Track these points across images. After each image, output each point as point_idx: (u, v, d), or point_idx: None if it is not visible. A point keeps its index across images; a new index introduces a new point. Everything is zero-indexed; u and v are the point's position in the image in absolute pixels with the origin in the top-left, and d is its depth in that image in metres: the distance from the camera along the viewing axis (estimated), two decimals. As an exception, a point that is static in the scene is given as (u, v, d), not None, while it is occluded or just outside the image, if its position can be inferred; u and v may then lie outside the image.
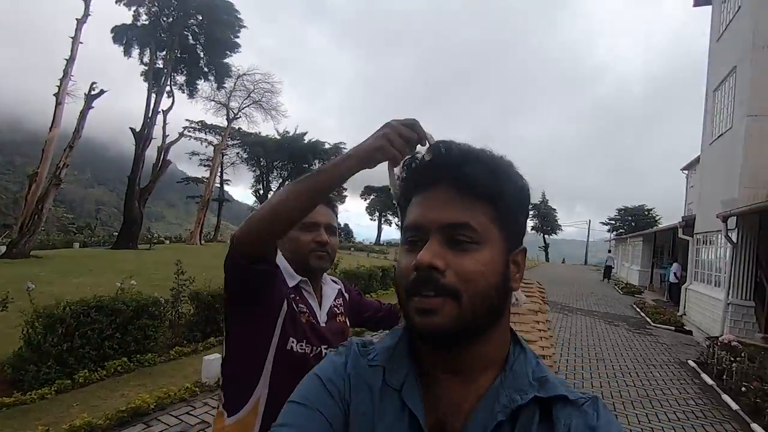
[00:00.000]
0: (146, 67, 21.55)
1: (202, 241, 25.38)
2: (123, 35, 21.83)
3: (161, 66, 22.06)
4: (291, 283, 1.18)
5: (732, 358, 5.72)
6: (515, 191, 0.53)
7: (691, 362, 6.54)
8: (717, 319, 8.40)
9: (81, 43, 15.18)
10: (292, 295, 1.16)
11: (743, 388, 4.82)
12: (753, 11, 8.35)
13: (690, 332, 9.48)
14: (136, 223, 18.88)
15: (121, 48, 22.00)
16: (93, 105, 15.33)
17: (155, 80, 20.90)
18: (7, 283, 7.44)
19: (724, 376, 5.48)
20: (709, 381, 5.58)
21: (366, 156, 0.72)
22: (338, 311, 1.29)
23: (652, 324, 10.11)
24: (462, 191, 0.50)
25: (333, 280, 1.37)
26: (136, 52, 22.22)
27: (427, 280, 0.48)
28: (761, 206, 7.15)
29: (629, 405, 4.63)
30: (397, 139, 0.69)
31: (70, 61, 14.78)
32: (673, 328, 9.76)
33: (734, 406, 4.65)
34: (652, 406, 4.66)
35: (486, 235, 0.50)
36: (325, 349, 1.13)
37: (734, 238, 8.16)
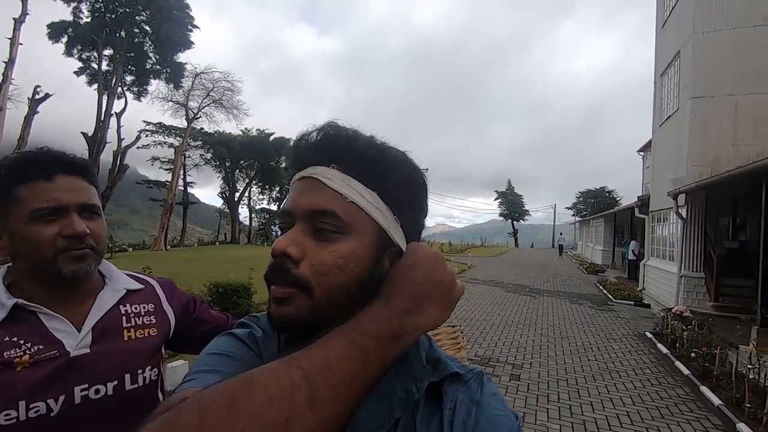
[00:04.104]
0: (89, 67, 20.48)
1: (168, 247, 24.55)
2: (61, 32, 20.57)
3: (109, 67, 21.03)
4: None
5: (684, 327, 6.08)
6: (400, 181, 0.50)
7: (648, 334, 6.90)
8: (672, 291, 8.89)
9: (20, 44, 14.28)
10: None
11: (693, 354, 5.15)
12: (693, -2, 8.79)
13: (648, 305, 9.99)
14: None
15: (61, 47, 20.77)
16: (38, 110, 14.49)
17: (104, 81, 19.92)
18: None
19: (677, 345, 5.82)
20: (664, 350, 5.91)
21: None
22: (132, 323, 0.88)
23: (614, 300, 10.59)
24: (337, 176, 0.48)
25: (134, 276, 0.97)
26: (79, 51, 21.05)
27: (279, 269, 0.46)
28: (706, 182, 7.60)
29: (590, 378, 4.85)
30: None
31: (10, 63, 13.91)
32: (632, 302, 10.26)
33: (686, 371, 4.96)
34: (611, 377, 4.90)
35: (354, 225, 0.46)
36: (96, 387, 0.79)
37: (684, 214, 8.63)
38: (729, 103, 8.32)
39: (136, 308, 0.91)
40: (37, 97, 14.27)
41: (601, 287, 12.80)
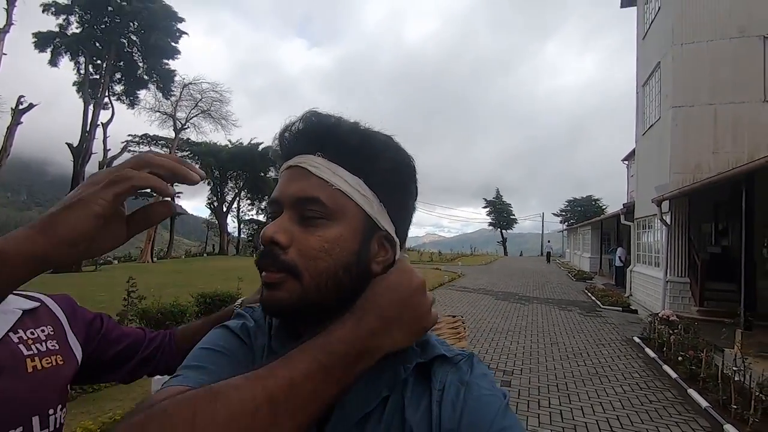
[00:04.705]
0: (78, 78, 20.29)
1: (155, 259, 24.19)
2: (48, 43, 20.42)
3: (96, 76, 20.86)
4: None
5: (670, 331, 6.16)
6: (386, 166, 0.50)
7: (636, 338, 6.97)
8: (658, 296, 9.02)
9: (5, 54, 14.10)
10: None
11: (680, 358, 5.21)
12: (671, 11, 9.08)
13: (635, 311, 10.11)
14: (79, 243, 17.70)
15: (47, 57, 20.56)
16: (22, 120, 14.25)
17: (91, 91, 19.74)
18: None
19: (664, 349, 5.89)
20: (652, 354, 5.97)
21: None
22: (34, 350, 0.69)
23: (602, 306, 10.70)
24: (323, 163, 0.48)
25: (23, 295, 0.75)
26: (66, 62, 20.88)
27: (269, 255, 0.47)
28: (688, 189, 7.77)
29: (580, 383, 4.87)
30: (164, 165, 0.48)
31: (-8, 74, 13.70)
32: (620, 308, 10.37)
33: (673, 374, 5.02)
34: (601, 381, 4.94)
35: (340, 211, 0.47)
36: None
37: (668, 221, 8.80)
38: (708, 112, 8.56)
39: (32, 333, 0.71)
40: (21, 107, 14.05)
41: (589, 294, 12.92)
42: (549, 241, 38.53)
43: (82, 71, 20.57)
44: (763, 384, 3.99)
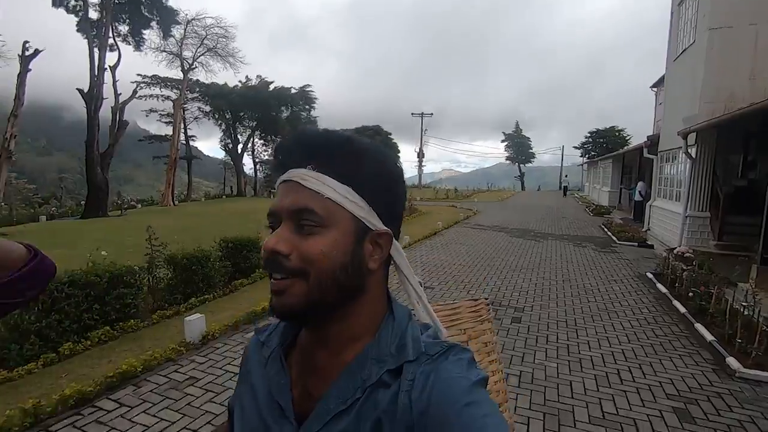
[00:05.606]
0: (79, 18, 19.57)
1: (176, 202, 24.84)
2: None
3: (98, 16, 20.09)
4: None
5: (683, 267, 6.19)
6: (372, 173, 0.55)
7: (649, 274, 7.06)
8: (676, 231, 8.95)
9: (1, -5, 13.58)
10: None
11: (690, 294, 5.29)
12: None
13: (651, 246, 10.11)
14: (102, 189, 18.20)
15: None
16: (30, 67, 14.09)
17: (95, 33, 19.13)
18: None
19: (676, 284, 5.97)
20: (663, 290, 6.07)
21: None
22: None
23: (617, 242, 10.72)
24: (313, 176, 0.53)
25: None
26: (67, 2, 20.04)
27: (274, 263, 0.52)
28: (718, 121, 7.36)
29: (589, 319, 5.05)
30: None
31: (-6, 18, 13.33)
32: (636, 243, 10.38)
33: (682, 309, 5.14)
34: (610, 317, 5.10)
35: (332, 218, 0.52)
36: None
37: (693, 154, 8.47)
38: (749, 34, 7.84)
39: None
40: (27, 53, 13.83)
41: (605, 229, 12.89)
42: (566, 176, 38.20)
43: (81, 11, 19.77)
44: (770, 319, 4.06)
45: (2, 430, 2.76)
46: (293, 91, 35.83)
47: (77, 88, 18.09)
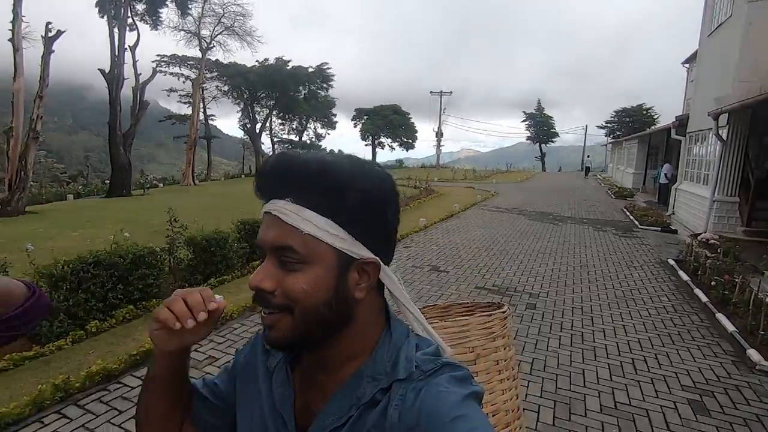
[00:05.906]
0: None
1: (196, 181, 25.29)
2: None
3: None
4: None
5: (707, 254, 6.01)
6: (356, 200, 0.52)
7: (670, 261, 6.88)
8: (702, 216, 8.66)
9: (24, -23, 13.69)
10: None
11: (713, 282, 5.15)
12: None
13: (675, 231, 9.83)
14: (125, 169, 18.65)
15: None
16: (54, 48, 14.29)
17: (114, 12, 19.22)
18: (7, 242, 7.63)
19: (699, 272, 5.80)
20: (685, 277, 5.91)
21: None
22: None
23: (639, 226, 10.44)
24: (292, 209, 0.51)
25: None
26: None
27: (261, 299, 0.53)
28: (753, 101, 6.98)
29: (605, 306, 4.98)
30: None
31: (17, 0, 13.49)
32: (659, 228, 10.10)
33: (704, 298, 5.00)
34: (627, 305, 5.02)
35: (313, 254, 0.51)
36: None
37: (724, 136, 8.10)
38: (792, 7, 7.33)
39: None
40: (50, 35, 14.01)
41: (627, 213, 12.57)
42: (589, 156, 37.87)
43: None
44: (797, 311, 3.92)
45: (35, 402, 2.93)
46: (310, 69, 35.55)
47: (99, 69, 18.33)
